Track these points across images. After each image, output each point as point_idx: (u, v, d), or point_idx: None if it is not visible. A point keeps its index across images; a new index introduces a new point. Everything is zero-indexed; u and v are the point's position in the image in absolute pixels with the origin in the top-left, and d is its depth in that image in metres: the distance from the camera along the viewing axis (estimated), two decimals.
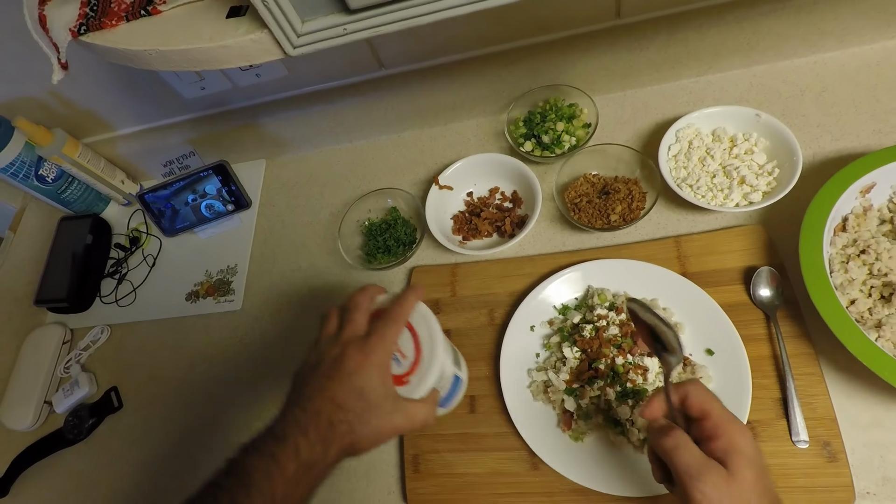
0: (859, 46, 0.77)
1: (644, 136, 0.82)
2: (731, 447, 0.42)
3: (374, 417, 0.46)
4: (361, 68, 0.83)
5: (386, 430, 0.47)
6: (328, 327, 0.52)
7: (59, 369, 0.90)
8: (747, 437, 0.43)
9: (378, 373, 0.47)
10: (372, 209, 0.87)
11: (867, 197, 0.65)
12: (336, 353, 0.48)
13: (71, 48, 0.52)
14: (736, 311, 0.65)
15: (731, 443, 0.42)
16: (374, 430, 0.46)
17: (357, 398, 0.46)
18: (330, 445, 0.45)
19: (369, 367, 0.47)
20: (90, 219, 0.98)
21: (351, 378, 0.46)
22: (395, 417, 0.47)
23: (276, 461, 0.43)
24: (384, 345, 0.48)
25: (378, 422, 0.46)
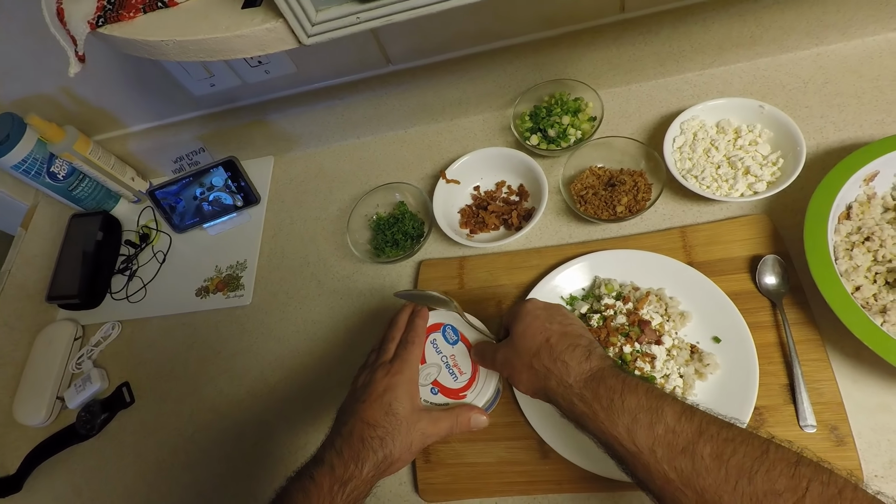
0: (862, 38, 0.77)
1: (649, 128, 0.83)
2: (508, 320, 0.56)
3: (404, 429, 0.52)
4: (369, 64, 0.84)
5: (416, 438, 0.53)
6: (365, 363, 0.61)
7: (71, 365, 0.91)
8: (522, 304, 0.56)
9: (404, 390, 0.54)
10: (380, 204, 0.88)
11: (871, 185, 0.66)
12: (367, 379, 0.56)
13: (84, 45, 0.53)
14: (742, 299, 0.66)
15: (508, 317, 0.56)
16: (404, 441, 0.52)
17: (385, 415, 0.52)
18: (364, 461, 0.49)
19: (395, 386, 0.54)
20: (101, 216, 0.99)
21: (381, 398, 0.53)
22: (422, 425, 0.53)
23: (313, 480, 0.48)
24: (408, 365, 0.56)
25: (407, 433, 0.52)
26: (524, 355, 0.51)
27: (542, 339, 0.51)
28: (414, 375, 0.57)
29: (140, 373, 0.89)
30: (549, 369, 0.49)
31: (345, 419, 0.53)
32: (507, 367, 0.54)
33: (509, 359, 0.53)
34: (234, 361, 0.85)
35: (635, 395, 0.44)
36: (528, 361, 0.51)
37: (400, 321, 0.62)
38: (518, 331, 0.53)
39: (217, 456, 0.78)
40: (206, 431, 0.81)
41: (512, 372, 0.53)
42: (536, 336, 0.52)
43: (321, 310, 0.85)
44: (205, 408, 0.83)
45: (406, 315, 0.63)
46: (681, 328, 0.67)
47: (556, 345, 0.50)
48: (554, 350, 0.50)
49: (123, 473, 0.81)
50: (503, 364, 0.54)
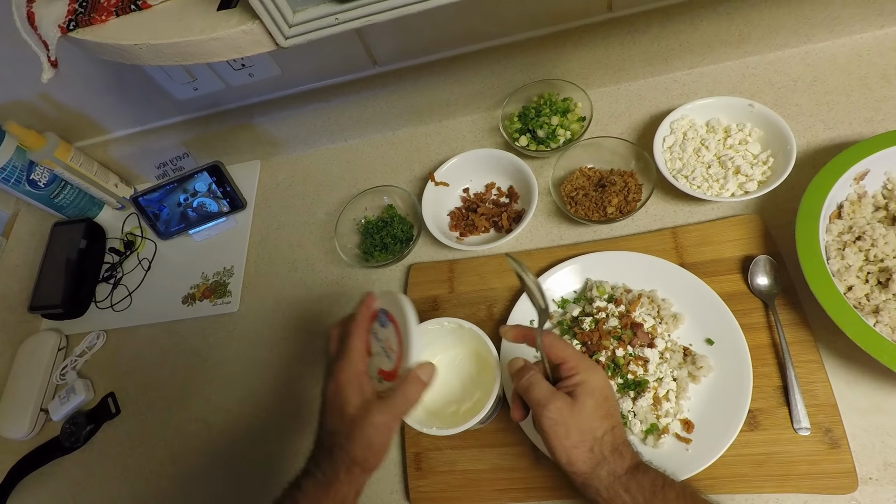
0: (849, 36, 0.77)
1: (639, 128, 0.82)
2: (580, 382, 0.50)
3: (356, 430, 0.50)
4: (355, 66, 0.83)
5: (371, 434, 0.50)
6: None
7: (55, 376, 0.89)
8: (596, 373, 0.51)
9: (350, 387, 0.51)
10: (368, 207, 0.87)
11: (861, 184, 0.65)
12: (323, 386, 0.54)
13: (60, 49, 0.52)
14: (734, 300, 0.65)
15: (581, 379, 0.50)
16: (360, 441, 0.50)
17: (339, 419, 0.51)
18: (337, 467, 0.50)
19: (341, 386, 0.51)
20: (84, 223, 0.97)
21: (333, 403, 0.51)
22: (372, 418, 0.49)
23: (299, 487, 0.51)
24: (349, 360, 0.52)
25: (360, 432, 0.50)
26: (587, 434, 0.48)
27: (609, 426, 0.49)
28: (358, 366, 0.52)
29: (126, 383, 0.87)
30: (606, 458, 0.48)
31: (317, 430, 0.54)
32: (559, 430, 0.48)
33: (567, 425, 0.48)
34: (222, 369, 0.84)
35: (673, 488, 0.48)
36: (590, 441, 0.48)
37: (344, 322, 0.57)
38: (588, 405, 0.49)
39: (205, 466, 0.77)
40: (193, 441, 0.79)
41: (564, 440, 0.48)
42: (604, 421, 0.49)
43: (310, 316, 0.84)
44: (192, 417, 0.81)
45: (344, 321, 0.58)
46: (673, 330, 0.66)
47: (619, 435, 0.50)
48: (616, 440, 0.49)
49: (110, 486, 0.80)
50: (555, 422, 0.48)
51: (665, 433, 0.60)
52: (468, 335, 0.64)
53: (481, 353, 0.67)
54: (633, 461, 0.50)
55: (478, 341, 0.63)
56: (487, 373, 0.65)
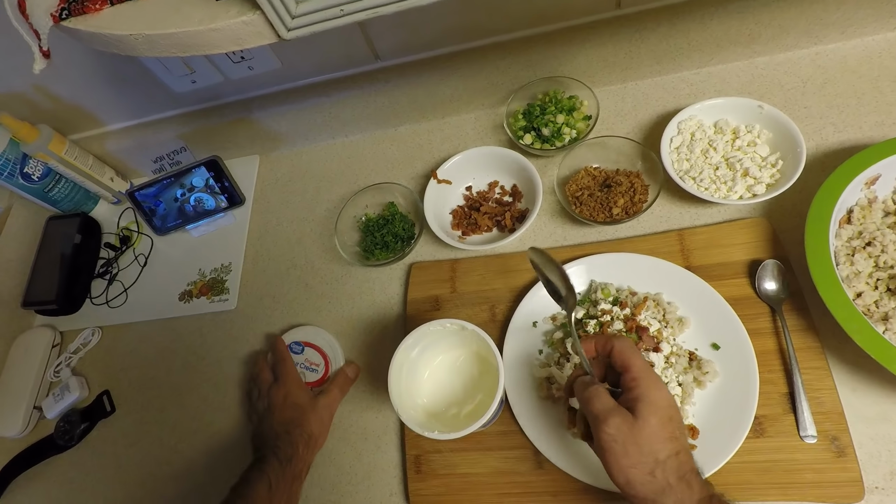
0: (861, 38, 0.76)
1: (645, 128, 0.81)
2: (641, 396, 0.46)
3: (310, 411, 0.69)
4: (357, 60, 0.81)
5: (322, 413, 0.70)
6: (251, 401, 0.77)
7: (49, 373, 0.88)
8: (660, 390, 0.47)
9: (296, 389, 0.71)
10: (369, 204, 0.86)
11: (872, 189, 0.64)
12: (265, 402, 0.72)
13: (55, 39, 0.50)
14: (741, 304, 0.64)
15: (643, 393, 0.47)
16: (315, 419, 0.69)
17: (293, 410, 0.69)
18: (295, 444, 0.66)
19: (289, 391, 0.71)
20: (79, 218, 0.95)
21: (284, 404, 0.70)
22: (321, 401, 0.71)
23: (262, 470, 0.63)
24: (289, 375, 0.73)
25: (314, 412, 0.69)
26: (648, 456, 0.45)
27: (673, 450, 0.46)
28: (297, 378, 0.73)
29: (121, 381, 0.86)
30: (672, 486, 0.45)
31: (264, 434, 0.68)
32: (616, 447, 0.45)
33: (625, 442, 0.45)
34: (220, 368, 0.82)
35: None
36: (650, 465, 0.45)
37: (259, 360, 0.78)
38: (651, 423, 0.45)
39: (202, 466, 0.76)
40: (190, 441, 0.78)
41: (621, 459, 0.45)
42: (668, 443, 0.46)
43: (309, 314, 0.82)
44: (189, 416, 0.80)
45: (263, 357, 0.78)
46: (679, 334, 0.66)
47: (686, 462, 0.46)
48: (682, 468, 0.46)
49: (104, 485, 0.78)
50: (612, 439, 0.45)
51: None
52: (471, 336, 0.63)
53: (483, 354, 0.66)
54: (704, 493, 0.45)
55: (480, 343, 0.62)
56: (490, 375, 0.64)
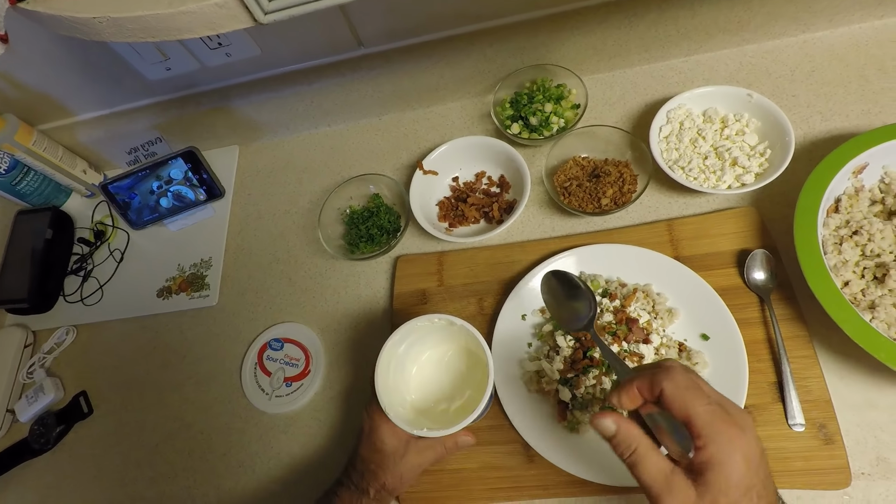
0: (848, 26, 0.76)
1: (634, 117, 0.80)
2: (711, 462, 0.36)
3: (391, 462, 0.58)
4: (339, 47, 0.79)
5: (404, 470, 0.58)
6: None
7: (22, 375, 0.85)
8: (736, 450, 0.36)
9: (385, 429, 0.58)
10: (353, 196, 0.84)
11: (859, 178, 0.64)
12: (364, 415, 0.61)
13: (15, 22, 0.47)
14: (730, 294, 0.64)
15: (712, 457, 0.36)
16: (394, 473, 0.58)
17: (373, 452, 0.59)
18: (368, 486, 0.58)
19: (376, 427, 0.58)
20: (50, 212, 0.91)
21: (369, 438, 0.59)
22: (409, 458, 0.58)
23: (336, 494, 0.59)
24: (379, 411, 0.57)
25: (394, 466, 0.58)
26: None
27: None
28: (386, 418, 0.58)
29: (98, 381, 0.83)
30: None
31: (353, 452, 0.62)
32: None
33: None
34: (200, 366, 0.80)
35: None
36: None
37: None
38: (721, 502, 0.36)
39: (183, 467, 0.74)
40: (171, 441, 0.76)
41: None
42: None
43: (292, 310, 0.81)
44: (170, 416, 0.78)
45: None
46: (668, 325, 0.65)
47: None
48: None
49: (83, 489, 0.76)
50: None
51: None
52: (459, 332, 0.62)
53: (472, 349, 0.65)
54: None
55: (468, 338, 0.60)
56: (478, 369, 0.63)
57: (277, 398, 0.74)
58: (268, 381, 0.76)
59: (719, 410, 0.37)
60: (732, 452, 0.36)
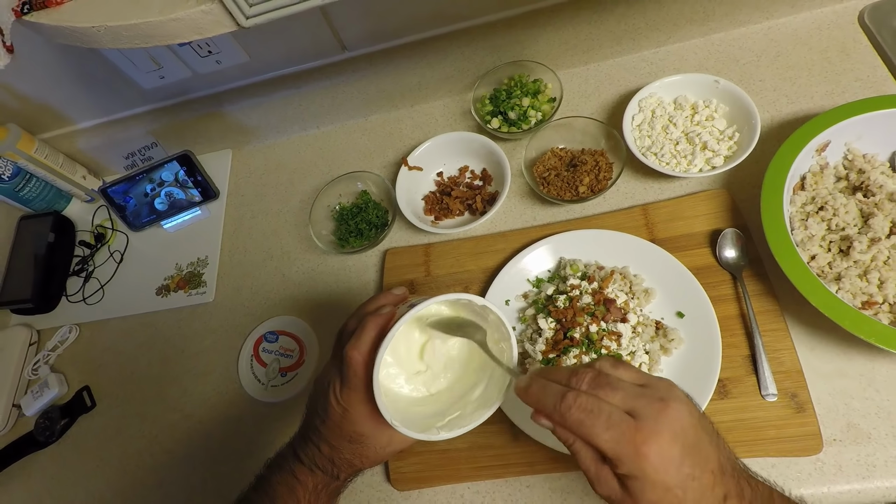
0: (810, 10, 0.78)
1: (608, 107, 0.83)
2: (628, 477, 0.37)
3: (371, 452, 0.50)
4: (324, 51, 0.82)
5: (386, 456, 0.51)
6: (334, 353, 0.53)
7: (27, 371, 0.88)
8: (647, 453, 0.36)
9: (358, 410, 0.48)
10: (342, 194, 0.87)
11: (823, 155, 0.67)
12: (325, 394, 0.50)
13: (19, 36, 0.50)
14: (704, 273, 0.66)
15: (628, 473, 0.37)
16: (373, 459, 0.51)
17: (347, 442, 0.49)
18: (338, 471, 0.50)
19: (350, 420, 0.48)
20: (51, 216, 0.95)
21: (340, 426, 0.49)
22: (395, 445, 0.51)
23: (296, 478, 0.50)
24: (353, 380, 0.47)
25: (374, 454, 0.50)
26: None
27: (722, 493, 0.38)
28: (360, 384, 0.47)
29: (101, 376, 0.86)
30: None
31: (311, 433, 0.51)
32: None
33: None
34: (199, 360, 0.83)
35: None
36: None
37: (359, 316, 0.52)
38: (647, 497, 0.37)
39: (183, 456, 0.76)
40: (171, 432, 0.79)
41: None
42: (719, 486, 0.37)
43: (286, 304, 0.83)
44: (169, 408, 0.80)
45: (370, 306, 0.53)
46: (645, 305, 0.67)
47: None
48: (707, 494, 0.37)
49: (87, 480, 0.79)
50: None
51: None
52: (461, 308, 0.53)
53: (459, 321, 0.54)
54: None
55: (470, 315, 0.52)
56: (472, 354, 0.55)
57: (273, 388, 0.77)
58: (263, 371, 0.78)
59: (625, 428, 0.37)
60: (645, 466, 0.36)
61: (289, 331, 0.80)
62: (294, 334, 0.80)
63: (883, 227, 0.60)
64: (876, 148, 0.66)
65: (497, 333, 0.51)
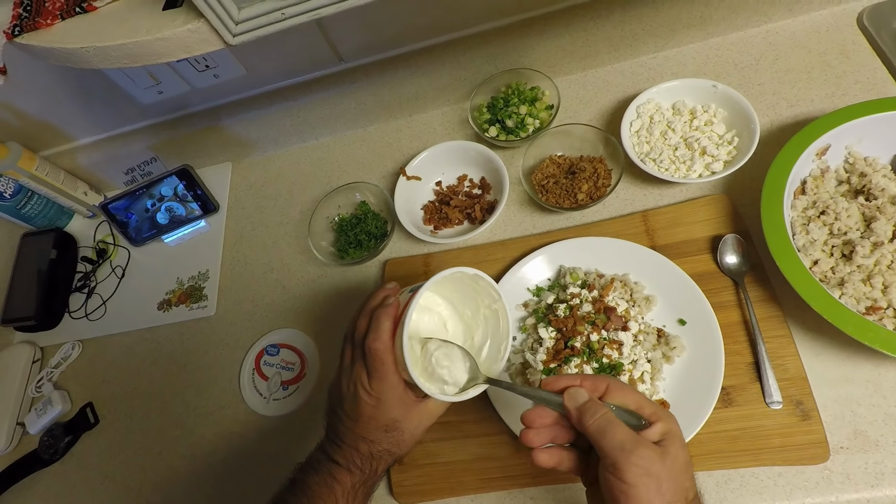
0: (808, 14, 0.78)
1: (606, 114, 0.82)
2: (664, 431, 0.43)
3: (409, 437, 0.52)
4: (321, 63, 0.82)
5: (420, 435, 0.53)
6: (345, 356, 0.55)
7: (31, 389, 0.88)
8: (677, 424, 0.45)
9: (391, 400, 0.51)
10: (341, 205, 0.87)
11: (823, 159, 0.66)
12: (352, 392, 0.52)
13: (15, 56, 0.51)
14: (705, 279, 0.66)
15: (664, 427, 0.43)
16: (409, 443, 0.53)
17: (384, 432, 0.52)
18: (377, 464, 0.52)
19: (384, 409, 0.51)
20: (53, 233, 0.95)
21: (373, 420, 0.51)
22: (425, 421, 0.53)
23: (333, 477, 0.51)
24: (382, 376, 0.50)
25: (412, 438, 0.53)
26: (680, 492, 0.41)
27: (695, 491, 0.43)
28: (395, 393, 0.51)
29: (104, 392, 0.86)
30: None
31: (343, 433, 0.53)
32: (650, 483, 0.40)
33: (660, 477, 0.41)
34: (201, 374, 0.83)
35: None
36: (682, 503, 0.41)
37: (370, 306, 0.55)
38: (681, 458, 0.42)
39: (187, 472, 0.76)
40: (174, 448, 0.79)
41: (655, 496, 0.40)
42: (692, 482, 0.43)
43: (287, 316, 0.83)
44: (172, 423, 0.80)
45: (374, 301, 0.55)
46: (646, 313, 0.67)
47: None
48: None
49: (91, 497, 0.79)
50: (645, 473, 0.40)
51: None
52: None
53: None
54: None
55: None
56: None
57: (275, 401, 0.77)
58: (265, 385, 0.78)
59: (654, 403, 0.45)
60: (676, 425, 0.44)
61: (290, 344, 0.80)
62: (295, 347, 0.79)
63: (886, 230, 0.60)
64: (877, 151, 0.65)
65: (488, 298, 0.56)
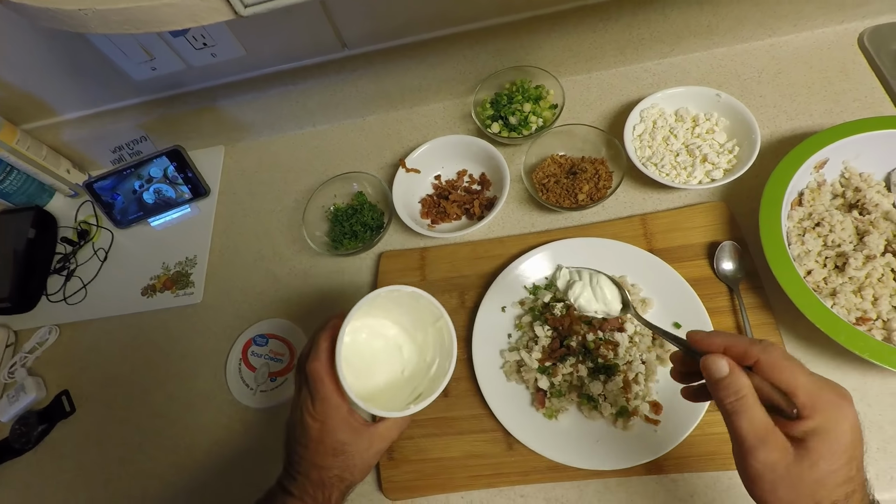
0: (811, 30, 0.80)
1: (609, 116, 0.83)
2: (819, 430, 0.36)
3: (358, 459, 0.51)
4: (323, 48, 0.81)
5: (370, 457, 0.52)
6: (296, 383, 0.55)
7: (3, 375, 0.84)
8: (846, 418, 0.37)
9: (336, 423, 0.50)
10: (338, 194, 0.85)
11: (821, 172, 0.68)
12: (299, 417, 0.51)
13: (3, 20, 0.48)
14: (701, 284, 0.67)
15: (817, 425, 0.36)
16: (360, 466, 0.52)
17: (332, 457, 0.50)
18: (330, 492, 0.51)
19: (329, 430, 0.50)
20: (32, 211, 0.91)
21: (322, 443, 0.50)
22: (376, 445, 0.52)
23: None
24: (326, 398, 0.49)
25: (362, 461, 0.52)
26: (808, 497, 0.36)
27: (844, 493, 0.36)
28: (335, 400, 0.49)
29: (81, 380, 0.83)
30: None
31: (296, 461, 0.52)
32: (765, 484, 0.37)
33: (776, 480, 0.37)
34: (185, 363, 0.80)
35: None
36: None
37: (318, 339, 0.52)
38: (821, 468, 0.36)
39: (167, 464, 0.74)
40: (155, 439, 0.76)
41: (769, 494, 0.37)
42: (844, 485, 0.36)
43: (277, 306, 0.81)
44: (153, 413, 0.78)
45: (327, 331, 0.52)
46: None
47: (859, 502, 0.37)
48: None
49: (65, 489, 0.76)
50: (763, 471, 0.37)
51: (634, 415, 0.61)
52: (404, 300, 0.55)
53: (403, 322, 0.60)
54: None
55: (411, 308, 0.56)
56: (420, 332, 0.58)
57: (262, 393, 0.75)
58: (252, 376, 0.76)
59: (823, 381, 0.38)
60: (841, 421, 0.36)
61: (279, 334, 0.78)
62: (284, 338, 0.78)
63: (878, 244, 0.61)
64: (872, 167, 0.67)
65: (431, 316, 0.55)
